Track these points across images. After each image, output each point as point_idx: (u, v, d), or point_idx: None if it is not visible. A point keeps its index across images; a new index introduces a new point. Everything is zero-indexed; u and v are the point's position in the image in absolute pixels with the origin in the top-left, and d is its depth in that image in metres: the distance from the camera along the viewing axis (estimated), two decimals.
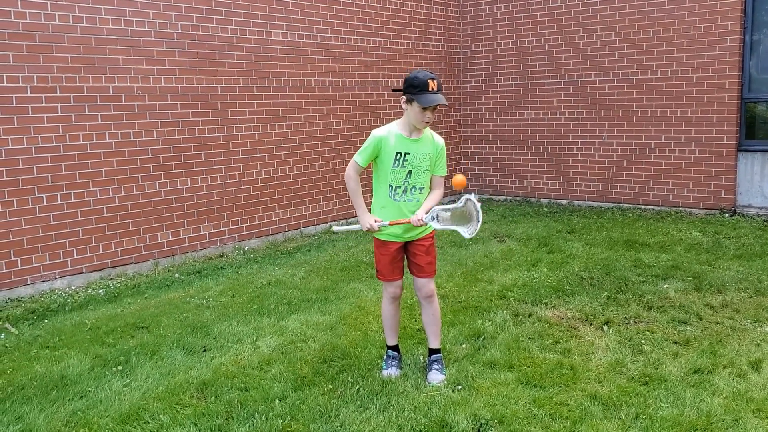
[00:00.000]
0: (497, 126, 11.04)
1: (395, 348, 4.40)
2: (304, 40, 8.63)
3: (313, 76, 8.79)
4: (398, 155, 4.04)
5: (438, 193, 4.19)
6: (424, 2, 10.39)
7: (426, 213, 4.00)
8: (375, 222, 4.04)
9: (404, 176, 4.06)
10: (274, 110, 8.35)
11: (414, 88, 3.92)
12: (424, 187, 4.12)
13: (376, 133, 4.10)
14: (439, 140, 4.21)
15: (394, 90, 4.48)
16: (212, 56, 7.64)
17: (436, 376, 4.14)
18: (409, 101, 3.98)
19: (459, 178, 4.16)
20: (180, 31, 7.32)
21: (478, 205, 3.99)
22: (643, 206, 9.76)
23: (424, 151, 4.08)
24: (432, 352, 4.29)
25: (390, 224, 4.06)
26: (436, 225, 4.04)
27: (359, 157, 4.14)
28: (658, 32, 9.37)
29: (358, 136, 9.48)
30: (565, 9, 10.14)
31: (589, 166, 10.22)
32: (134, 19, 6.93)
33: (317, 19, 8.78)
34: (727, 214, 8.99)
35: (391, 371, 4.27)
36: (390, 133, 4.08)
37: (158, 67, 7.16)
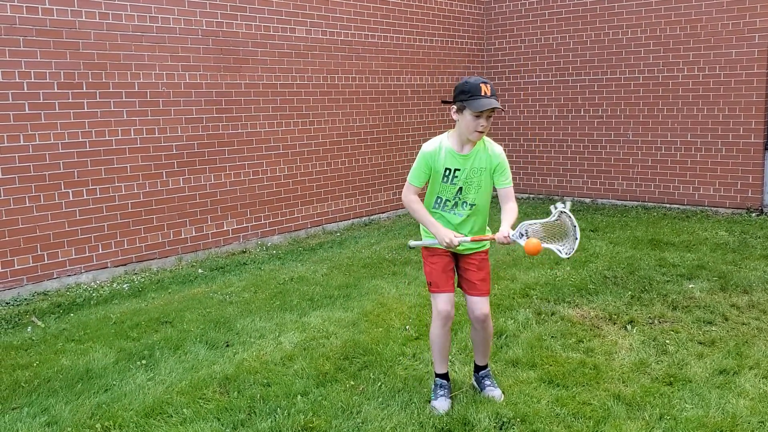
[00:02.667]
0: (521, 123, 10.98)
1: (444, 376, 3.95)
2: (327, 37, 8.64)
3: (337, 73, 8.80)
4: (447, 171, 3.72)
5: (512, 206, 3.72)
6: None
7: (512, 229, 3.60)
8: (455, 237, 3.66)
9: (455, 192, 3.75)
10: (297, 107, 8.37)
11: (464, 94, 3.58)
12: (476, 204, 3.75)
13: (425, 148, 3.78)
14: (497, 150, 3.75)
15: (444, 102, 4.05)
16: (236, 53, 7.67)
17: (494, 392, 3.90)
18: (459, 110, 3.62)
19: (532, 243, 3.51)
20: (204, 27, 7.37)
21: (574, 218, 3.49)
22: (668, 205, 9.65)
23: (476, 166, 3.71)
24: (479, 368, 4.04)
25: (472, 240, 3.69)
26: (525, 242, 3.55)
27: (413, 178, 3.81)
28: (685, 29, 9.26)
29: (381, 134, 9.48)
30: (591, 5, 10.05)
31: (614, 164, 10.13)
32: (159, 16, 6.98)
33: (341, 16, 8.78)
34: (753, 214, 8.86)
35: (442, 403, 3.81)
36: (440, 147, 3.74)
37: (183, 63, 7.21)
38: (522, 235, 3.59)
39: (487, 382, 3.98)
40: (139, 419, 3.77)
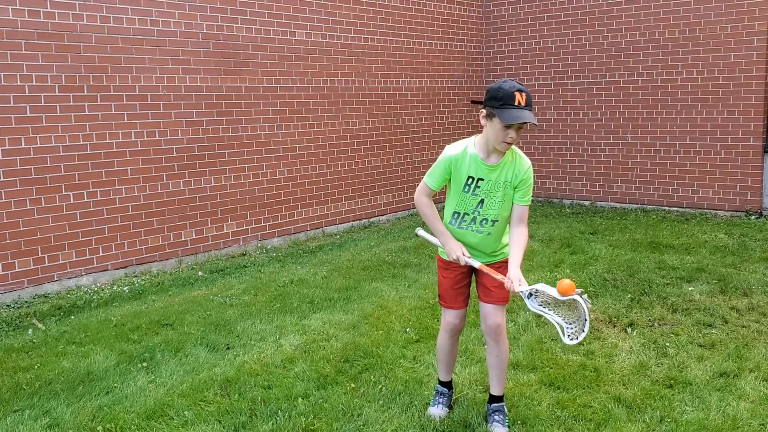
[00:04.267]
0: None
1: (447, 384, 3.86)
2: (327, 40, 8.66)
3: (336, 75, 8.82)
4: (470, 180, 3.40)
5: (523, 232, 3.43)
6: (447, 2, 10.38)
7: (524, 281, 3.29)
8: (464, 254, 3.42)
9: (475, 205, 3.44)
10: (297, 110, 8.39)
11: (496, 101, 3.23)
12: (498, 220, 3.45)
13: (449, 151, 3.45)
14: (525, 163, 3.43)
15: (473, 102, 3.62)
16: (236, 56, 7.69)
17: (499, 430, 3.57)
18: (489, 116, 3.29)
19: (566, 284, 3.14)
20: (205, 31, 7.38)
21: (587, 309, 3.12)
22: (667, 208, 9.67)
23: (502, 179, 3.39)
24: (493, 399, 3.67)
25: (480, 268, 3.43)
26: (531, 304, 3.26)
27: (430, 179, 3.50)
28: (684, 32, 9.28)
29: (381, 136, 9.49)
30: (589, 9, 10.08)
31: (613, 167, 10.15)
32: (160, 19, 7.00)
33: (340, 19, 8.80)
34: (753, 216, 8.88)
35: (438, 410, 3.75)
36: (466, 152, 3.41)
37: (183, 66, 7.22)
38: (531, 295, 3.26)
39: (497, 418, 3.60)
40: (140, 421, 3.78)
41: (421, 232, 3.80)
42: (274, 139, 8.16)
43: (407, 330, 5.07)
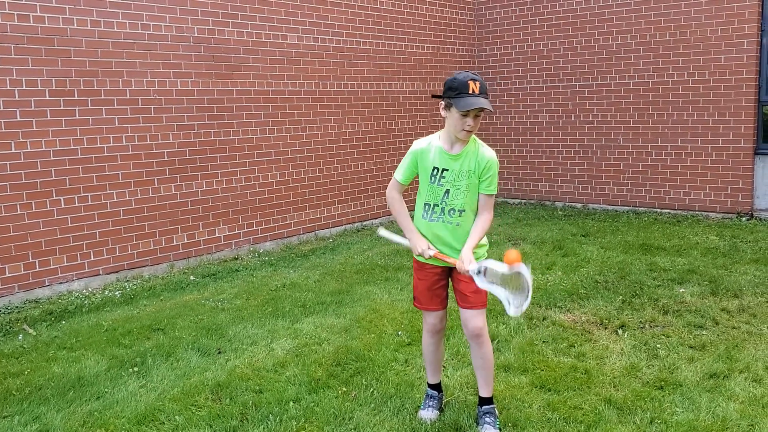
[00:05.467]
0: (512, 129, 11.02)
1: (436, 387, 3.88)
2: (319, 44, 8.67)
3: (328, 79, 8.82)
4: (435, 170, 3.52)
5: (485, 218, 3.55)
6: (439, 6, 10.40)
7: (473, 261, 3.42)
8: (429, 248, 3.51)
9: (441, 195, 3.53)
10: (289, 113, 8.39)
11: (452, 91, 3.37)
12: (465, 210, 3.53)
13: (415, 146, 3.59)
14: (487, 153, 3.52)
15: (433, 97, 3.81)
16: (228, 60, 7.69)
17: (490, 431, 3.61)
18: (447, 107, 3.43)
19: (513, 255, 3.30)
20: (196, 34, 7.38)
21: (530, 280, 3.25)
22: (658, 210, 9.70)
23: (465, 168, 3.49)
24: (483, 401, 3.70)
25: (435, 256, 3.52)
26: (480, 281, 3.36)
27: (398, 174, 3.61)
28: (675, 35, 9.32)
29: (373, 140, 9.50)
30: (581, 12, 10.12)
31: (604, 170, 10.18)
32: (151, 23, 6.99)
33: (332, 23, 8.81)
34: (744, 218, 8.92)
35: (429, 414, 3.76)
36: (431, 145, 3.54)
37: (174, 70, 7.21)
38: (479, 271, 3.36)
39: (488, 420, 3.62)
40: (131, 426, 3.77)
41: (383, 232, 3.81)
42: (266, 143, 8.16)
43: (399, 333, 5.07)
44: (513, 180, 11.09)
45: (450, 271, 3.67)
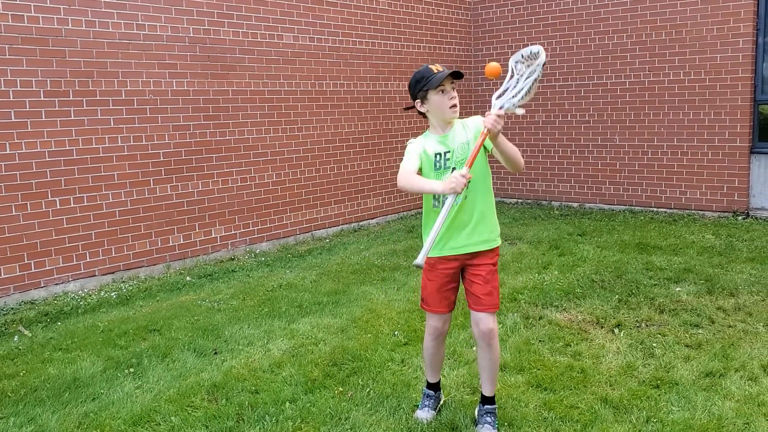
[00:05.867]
0: (508, 128, 11.01)
1: (434, 386, 3.85)
2: (315, 44, 8.66)
3: (324, 79, 8.82)
4: (438, 156, 3.48)
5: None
6: (435, 5, 10.40)
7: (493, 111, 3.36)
8: (462, 175, 3.20)
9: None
10: (285, 113, 8.38)
11: (420, 82, 3.42)
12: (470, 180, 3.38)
13: (411, 141, 3.58)
14: (473, 120, 3.55)
15: (405, 109, 3.81)
16: (223, 60, 7.68)
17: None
18: (423, 99, 3.46)
19: (492, 67, 3.42)
20: (192, 34, 7.36)
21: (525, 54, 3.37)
22: (655, 209, 9.71)
23: (463, 139, 3.47)
24: (485, 400, 3.66)
25: (468, 169, 3.27)
26: (502, 104, 3.42)
27: (407, 162, 3.48)
28: (671, 34, 9.33)
29: (370, 139, 9.49)
30: (577, 11, 10.12)
31: (601, 169, 10.18)
32: (146, 23, 6.98)
33: (328, 23, 8.80)
34: (740, 217, 8.93)
35: (425, 414, 3.75)
36: (424, 139, 3.55)
37: (170, 70, 7.20)
38: (502, 107, 3.42)
39: (488, 419, 3.59)
40: (126, 428, 3.76)
41: (419, 260, 3.27)
42: (262, 143, 8.15)
43: (396, 333, 5.06)
44: (509, 179, 11.09)
45: (461, 273, 3.59)
